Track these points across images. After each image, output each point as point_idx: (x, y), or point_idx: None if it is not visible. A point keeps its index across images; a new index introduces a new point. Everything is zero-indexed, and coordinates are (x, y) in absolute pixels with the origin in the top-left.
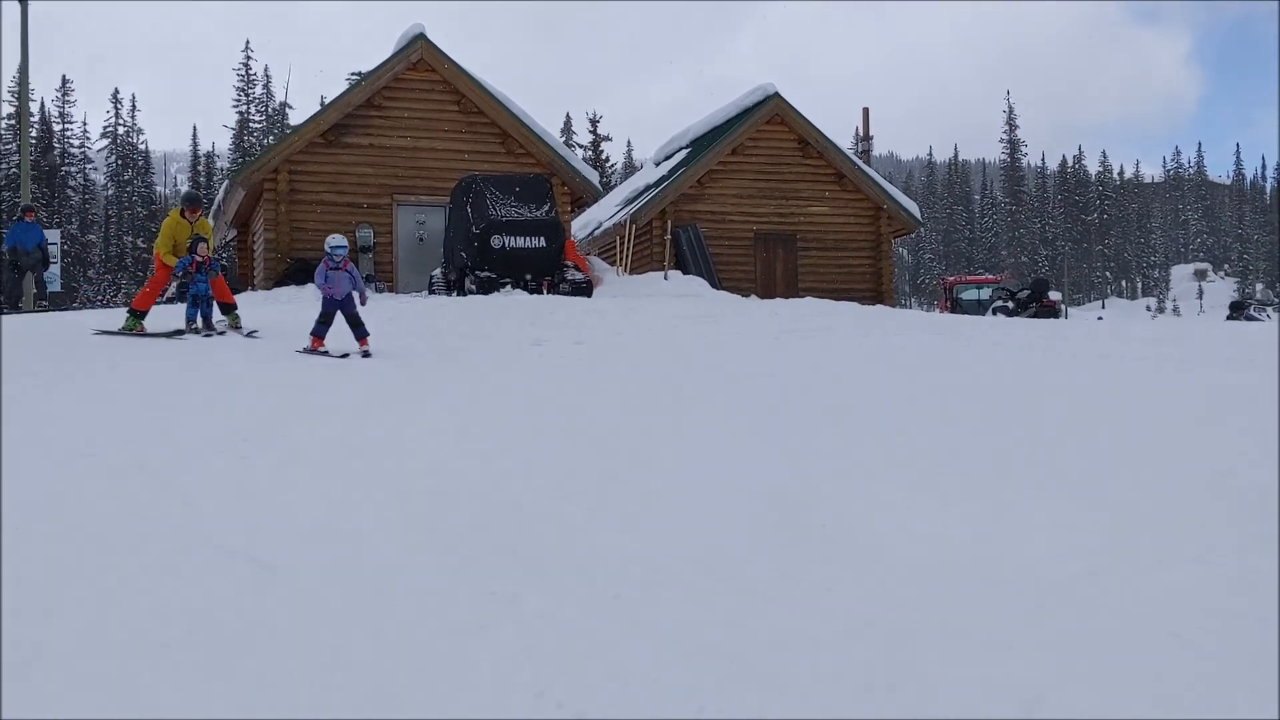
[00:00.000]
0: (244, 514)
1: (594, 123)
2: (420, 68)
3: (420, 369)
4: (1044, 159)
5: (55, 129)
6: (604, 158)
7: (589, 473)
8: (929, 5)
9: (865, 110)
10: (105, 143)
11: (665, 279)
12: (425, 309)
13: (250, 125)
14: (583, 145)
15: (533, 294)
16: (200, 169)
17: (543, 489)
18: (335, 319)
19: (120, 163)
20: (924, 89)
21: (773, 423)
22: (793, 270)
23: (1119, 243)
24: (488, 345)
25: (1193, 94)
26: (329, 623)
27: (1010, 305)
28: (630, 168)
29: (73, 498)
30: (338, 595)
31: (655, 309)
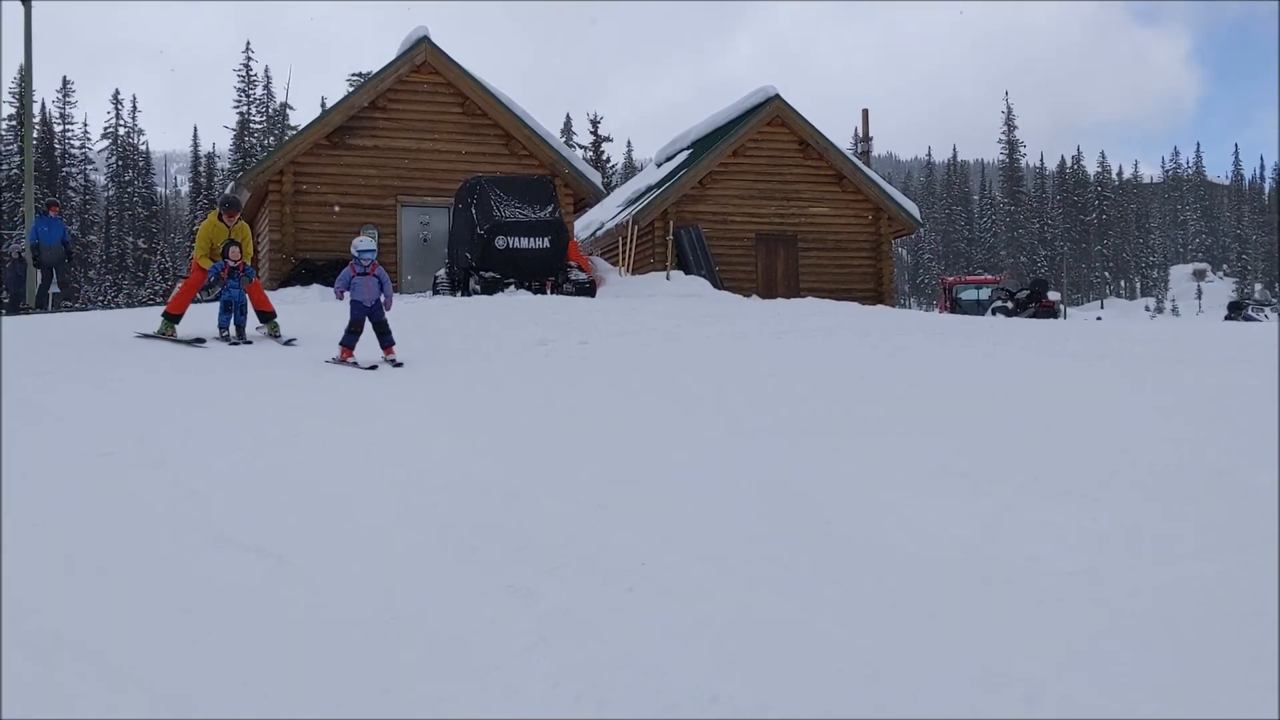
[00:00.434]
0: (262, 512)
1: (595, 123)
2: (424, 70)
3: (429, 369)
4: (1043, 159)
5: (56, 130)
6: (605, 158)
7: (598, 472)
8: (928, 5)
9: (865, 111)
10: (106, 143)
11: (667, 279)
12: (430, 309)
13: (251, 126)
14: (583, 146)
15: (536, 294)
16: (201, 170)
17: (554, 487)
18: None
19: (121, 163)
20: (923, 89)
21: (776, 422)
22: (794, 271)
23: (1118, 243)
24: (494, 346)
25: (1192, 94)
26: (350, 615)
27: (1010, 305)
28: (630, 168)
29: (88, 494)
30: (358, 589)
31: (658, 309)
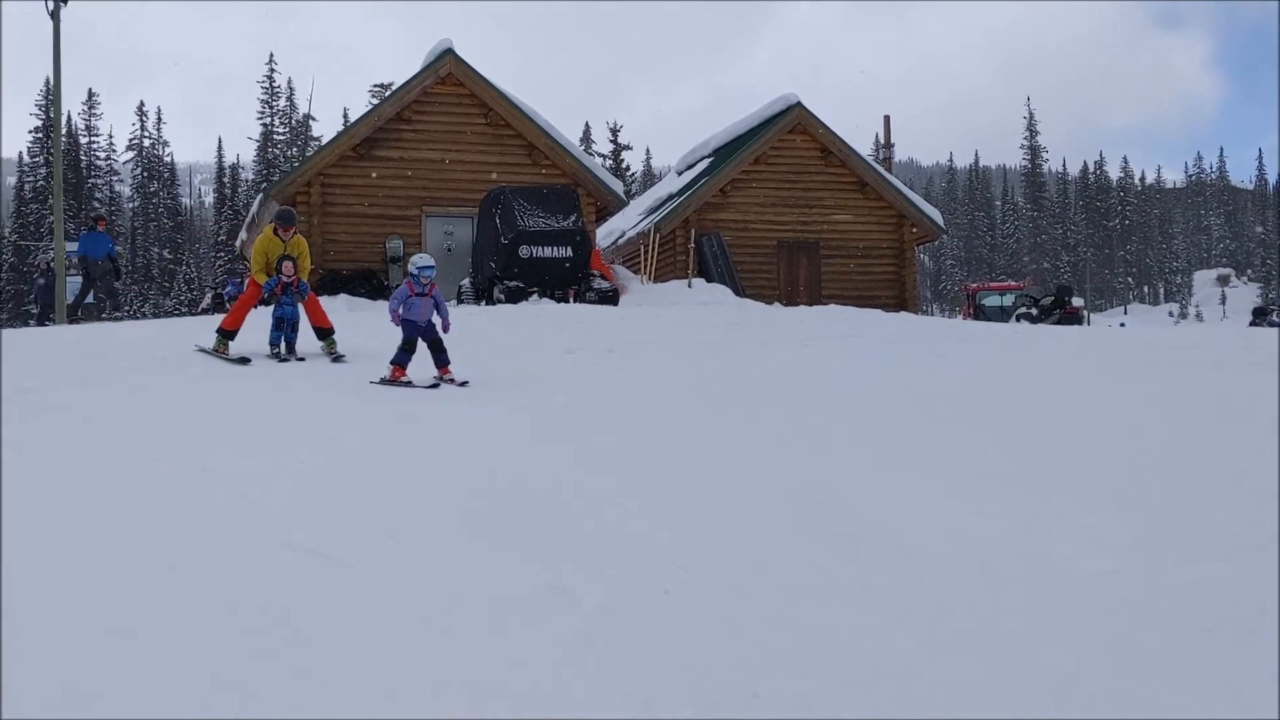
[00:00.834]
0: (308, 514)
1: (614, 132)
2: (448, 82)
3: (460, 376)
4: (1065, 165)
5: (82, 142)
6: (624, 166)
7: (634, 475)
8: (949, 10)
9: (886, 118)
10: (131, 155)
11: (689, 287)
12: (456, 318)
13: (274, 137)
14: (603, 154)
15: (560, 303)
16: (225, 181)
17: (591, 491)
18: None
19: (146, 175)
20: (944, 95)
21: (806, 427)
22: (816, 278)
23: (1141, 248)
24: (522, 353)
25: (1214, 98)
26: (404, 614)
27: (1034, 312)
28: (650, 176)
29: (136, 500)
30: (410, 590)
31: (681, 317)
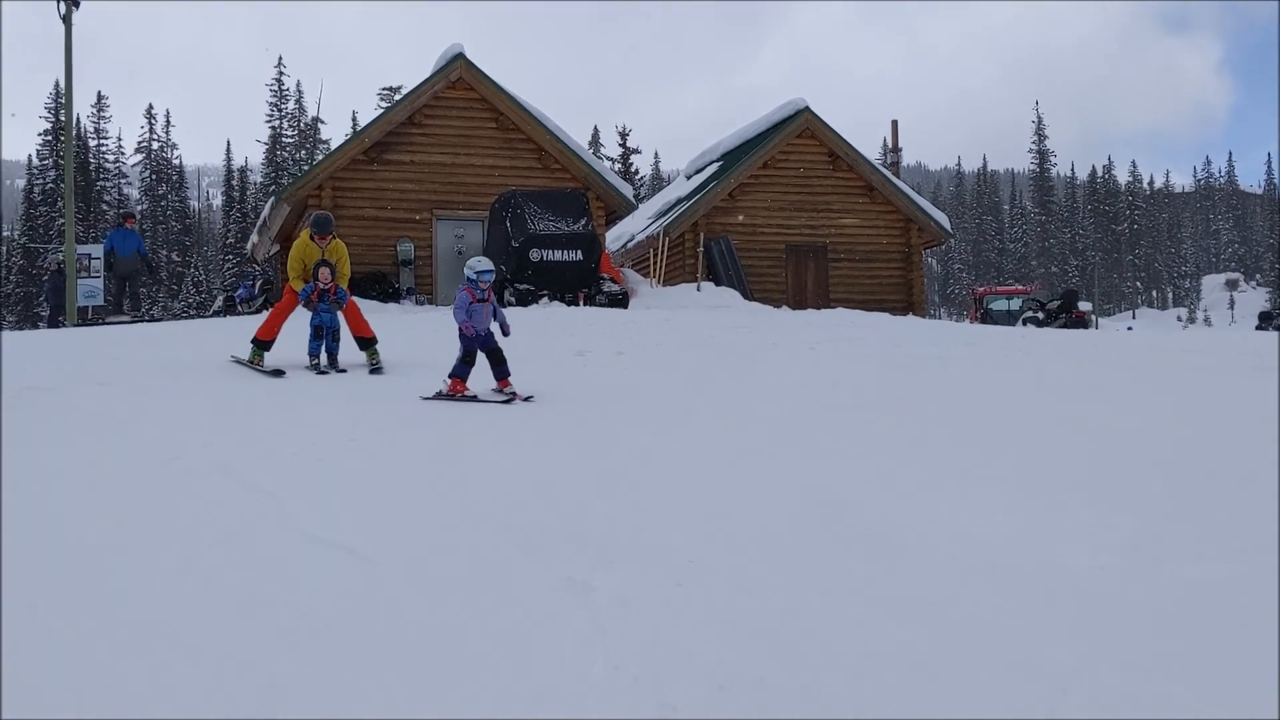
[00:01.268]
0: (332, 512)
1: (623, 135)
2: (459, 86)
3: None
4: (1073, 169)
5: (91, 144)
6: (633, 170)
7: (644, 475)
8: (957, 14)
9: (894, 123)
10: (140, 158)
11: (698, 290)
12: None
13: (283, 140)
14: (611, 158)
15: (570, 306)
16: (234, 183)
17: (602, 489)
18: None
19: (154, 177)
20: (953, 99)
21: (814, 429)
22: (824, 282)
23: (1149, 253)
24: (533, 356)
25: (1223, 103)
26: (426, 605)
27: (1040, 316)
28: (658, 179)
29: (174, 497)
30: (432, 583)
31: (690, 320)
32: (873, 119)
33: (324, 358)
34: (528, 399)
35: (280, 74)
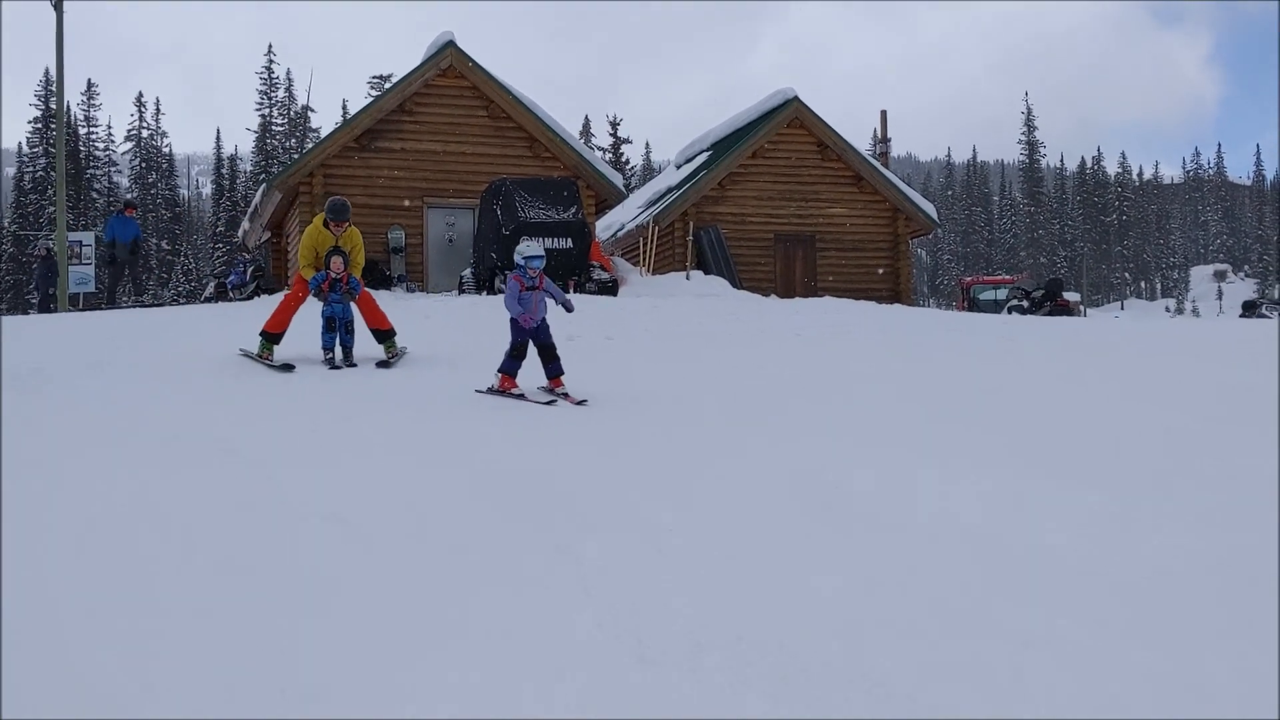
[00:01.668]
0: (329, 489)
1: (614, 125)
2: (450, 74)
3: (465, 363)
4: (1063, 160)
5: (81, 132)
6: (624, 160)
7: (630, 453)
8: (951, 6)
9: (883, 113)
10: (129, 146)
11: (687, 279)
12: (458, 307)
13: (273, 129)
14: (602, 148)
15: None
16: (224, 172)
17: (592, 466)
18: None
19: (144, 165)
20: (944, 90)
21: (796, 409)
22: (812, 270)
23: (1138, 244)
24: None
25: (1213, 95)
26: (419, 570)
27: (1025, 305)
28: (649, 169)
29: (171, 474)
30: (424, 550)
31: (679, 307)
32: (865, 110)
33: (338, 351)
34: (581, 403)
35: (270, 62)
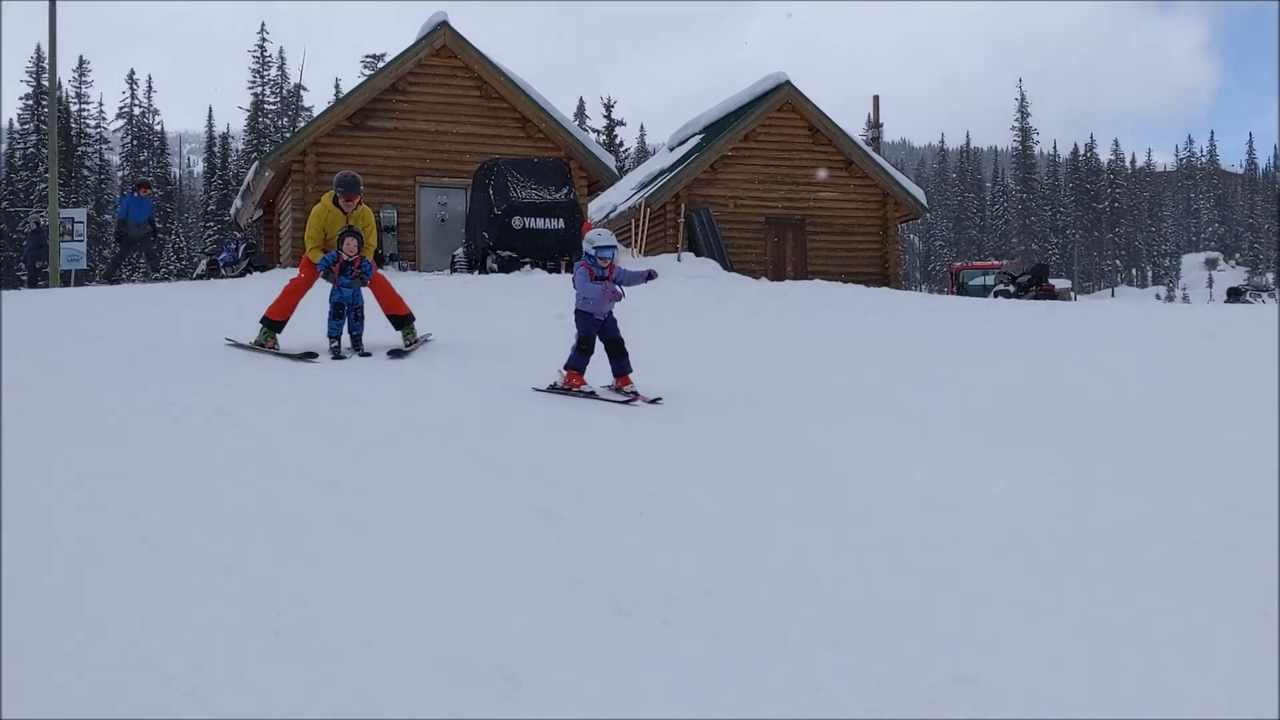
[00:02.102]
0: (324, 452)
1: (608, 107)
2: (443, 54)
3: (460, 337)
4: (1056, 147)
5: (72, 109)
6: (618, 142)
7: (614, 422)
8: None
9: (875, 98)
10: (121, 123)
11: (679, 261)
12: (450, 285)
13: (265, 107)
14: (597, 130)
15: (551, 273)
16: (216, 150)
17: (577, 435)
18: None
19: (136, 143)
20: (939, 76)
21: (777, 382)
22: (802, 254)
23: (1130, 231)
24: (515, 317)
25: (1208, 84)
26: (407, 530)
27: (1011, 289)
28: (643, 152)
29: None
30: (414, 511)
31: (670, 288)
32: (860, 94)
33: (346, 340)
34: (655, 401)
35: (263, 40)
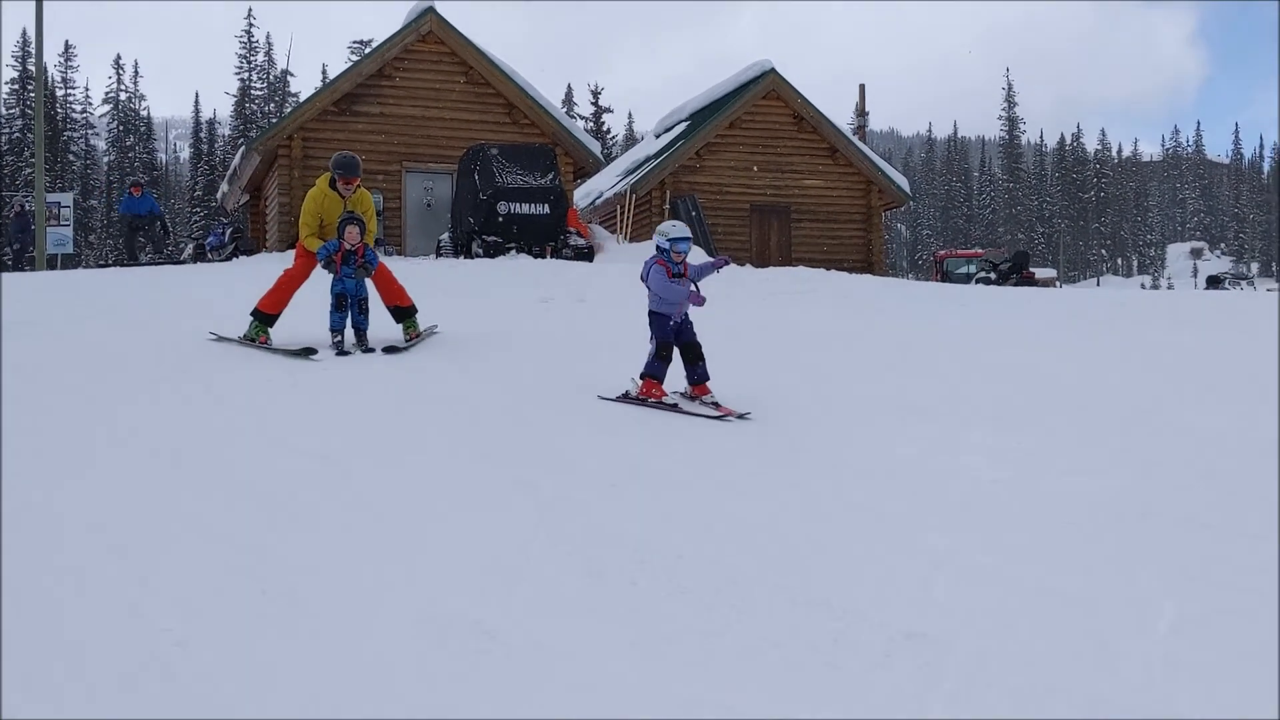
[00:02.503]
0: (314, 430)
1: (595, 94)
2: (429, 40)
3: (446, 319)
4: (1043, 136)
5: (58, 94)
6: (605, 129)
7: (590, 399)
8: None
9: (861, 87)
10: (107, 109)
11: None
12: (436, 270)
13: (252, 93)
14: (584, 116)
15: (536, 258)
16: (202, 136)
17: (552, 410)
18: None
19: (122, 129)
20: (927, 65)
21: (757, 363)
22: (787, 241)
23: (1116, 221)
24: (501, 300)
25: (1195, 74)
26: (388, 500)
27: (993, 276)
28: (631, 139)
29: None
30: (396, 483)
31: None
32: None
33: (349, 334)
34: (744, 416)
35: (250, 26)
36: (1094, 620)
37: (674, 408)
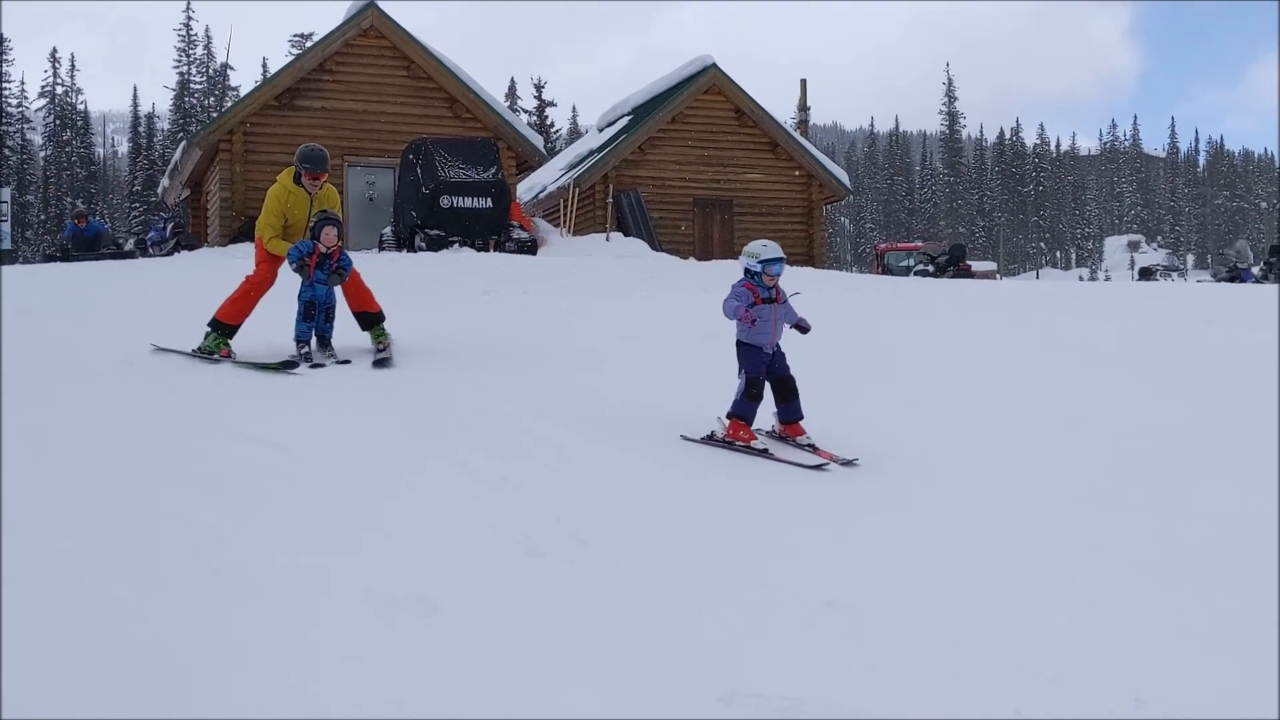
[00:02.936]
0: (272, 421)
1: (539, 88)
2: (371, 34)
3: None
4: (983, 130)
5: None
6: (549, 123)
7: (532, 383)
8: None
9: (803, 82)
10: (43, 103)
11: (607, 241)
12: (379, 264)
13: (191, 86)
14: (528, 110)
15: (480, 252)
16: (141, 130)
17: (501, 396)
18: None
19: (59, 123)
20: (869, 60)
21: (698, 357)
22: (729, 234)
23: (1054, 214)
24: (443, 293)
25: (1132, 69)
26: (343, 482)
27: (930, 269)
28: (575, 133)
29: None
30: (348, 466)
31: (597, 266)
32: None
33: (316, 343)
34: (849, 463)
35: (189, 19)
36: (1006, 591)
37: (764, 453)
